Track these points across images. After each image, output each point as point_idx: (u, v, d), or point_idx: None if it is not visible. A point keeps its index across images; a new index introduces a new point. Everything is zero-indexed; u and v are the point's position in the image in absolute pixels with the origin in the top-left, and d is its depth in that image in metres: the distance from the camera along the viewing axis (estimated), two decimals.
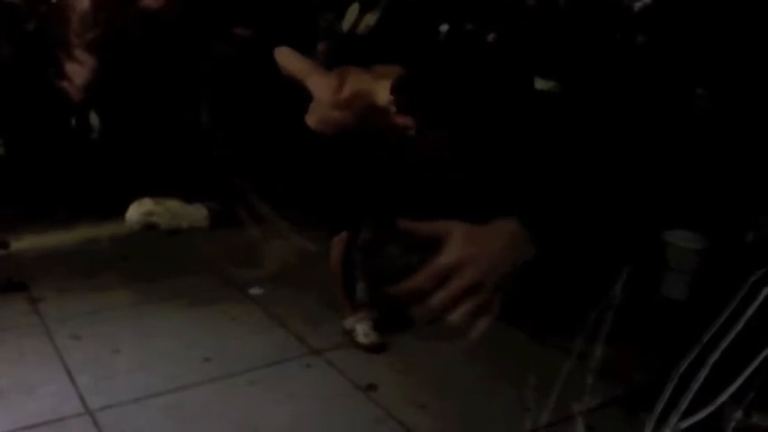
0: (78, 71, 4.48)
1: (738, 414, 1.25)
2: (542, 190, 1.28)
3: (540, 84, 4.13)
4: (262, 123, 5.09)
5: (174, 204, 4.53)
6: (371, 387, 2.91)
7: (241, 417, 2.72)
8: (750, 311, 1.06)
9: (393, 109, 2.93)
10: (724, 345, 1.06)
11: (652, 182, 1.81)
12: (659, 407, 1.08)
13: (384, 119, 2.99)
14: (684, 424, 1.00)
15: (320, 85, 3.23)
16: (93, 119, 4.97)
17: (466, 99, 3.01)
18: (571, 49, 3.25)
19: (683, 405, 1.02)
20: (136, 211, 4.50)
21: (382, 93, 3.01)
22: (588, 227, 1.29)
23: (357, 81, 3.13)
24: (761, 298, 1.05)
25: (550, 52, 3.33)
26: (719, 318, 1.11)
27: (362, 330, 3.18)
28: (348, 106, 3.08)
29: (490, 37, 3.57)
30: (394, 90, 2.97)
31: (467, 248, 0.99)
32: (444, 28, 5.07)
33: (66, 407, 2.74)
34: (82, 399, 2.80)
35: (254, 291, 3.71)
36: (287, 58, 3.54)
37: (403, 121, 2.93)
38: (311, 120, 3.25)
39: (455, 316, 0.98)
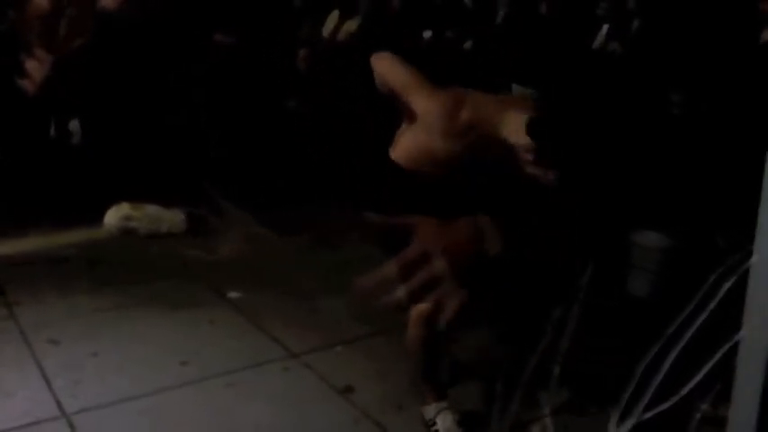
0: (36, 68, 4.50)
1: (705, 406, 1.28)
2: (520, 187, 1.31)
3: (518, 91, 4.18)
4: (245, 128, 5.11)
5: (152, 209, 4.52)
6: (349, 389, 2.92)
7: (218, 420, 2.72)
8: (711, 306, 1.09)
9: (527, 152, 2.08)
10: (685, 339, 1.09)
11: (624, 183, 1.85)
12: (624, 400, 1.11)
13: (510, 161, 2.17)
14: (647, 415, 1.03)
15: (429, 105, 2.32)
16: (74, 125, 4.97)
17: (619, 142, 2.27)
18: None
19: (647, 397, 1.05)
20: (114, 216, 4.49)
21: (511, 127, 2.15)
22: (558, 225, 1.32)
23: (478, 106, 2.25)
24: (721, 294, 1.08)
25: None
26: (682, 313, 1.14)
27: (445, 425, 2.66)
28: (463, 137, 2.23)
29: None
30: (532, 129, 2.11)
31: (434, 241, 1.02)
32: (427, 34, 5.12)
33: (43, 411, 2.74)
34: (58, 402, 2.79)
35: (233, 294, 3.72)
36: (387, 66, 2.53)
37: (540, 170, 2.08)
38: (400, 151, 2.41)
39: (421, 307, 1.00)
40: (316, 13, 5.29)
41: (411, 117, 2.36)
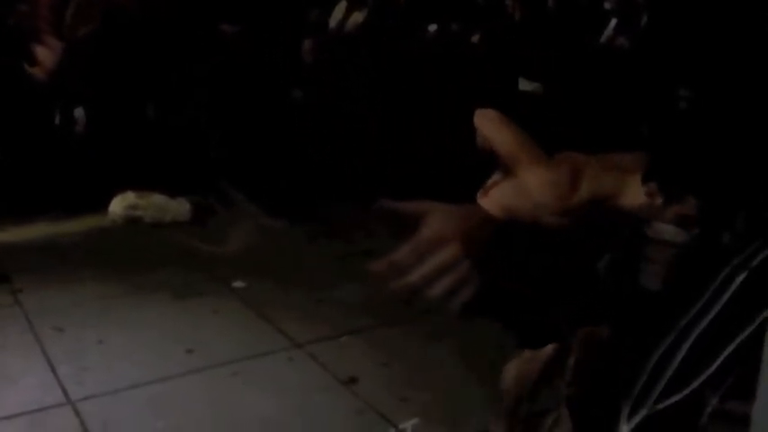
0: (48, 55, 4.52)
1: (714, 401, 1.29)
2: None
3: (524, 84, 4.18)
4: (250, 119, 5.11)
5: (157, 198, 4.53)
6: (353, 380, 2.93)
7: (223, 408, 2.73)
8: (723, 299, 1.09)
9: (654, 207, 1.79)
10: (697, 332, 1.10)
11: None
12: (636, 391, 1.11)
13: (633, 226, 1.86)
14: (659, 406, 1.03)
15: (540, 181, 1.95)
16: (79, 113, 4.97)
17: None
18: None
19: (659, 388, 1.05)
20: (119, 205, 4.49)
21: (631, 193, 1.86)
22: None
23: (596, 179, 1.91)
24: (733, 287, 1.09)
25: None
26: (694, 307, 1.14)
27: None
28: (575, 213, 1.94)
29: None
30: (651, 174, 1.83)
31: (445, 225, 1.02)
32: (433, 27, 5.11)
33: (48, 397, 2.75)
34: (63, 389, 2.80)
35: (237, 284, 3.72)
36: (494, 129, 2.14)
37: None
38: (494, 204, 2.02)
39: (434, 291, 1.01)
40: (323, 4, 5.28)
41: (509, 172, 1.94)
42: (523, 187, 1.74)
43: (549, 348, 1.82)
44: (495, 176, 1.94)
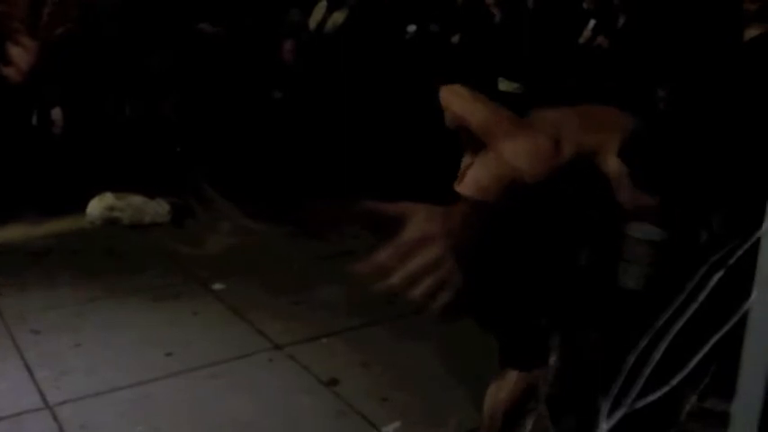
0: (22, 56, 4.46)
1: (693, 399, 1.29)
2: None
3: (504, 85, 4.19)
4: (229, 119, 5.09)
5: (135, 199, 4.49)
6: (334, 381, 2.92)
7: (202, 411, 2.71)
8: (701, 298, 1.09)
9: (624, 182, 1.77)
10: (674, 330, 1.10)
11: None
12: (615, 390, 1.11)
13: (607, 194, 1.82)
14: (637, 405, 1.03)
15: (521, 148, 1.85)
16: (56, 114, 4.92)
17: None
18: None
19: (637, 387, 1.05)
20: (97, 206, 4.45)
21: (611, 153, 1.81)
22: (549, 217, 1.32)
23: (576, 137, 1.82)
24: (711, 285, 1.09)
25: None
26: (672, 305, 1.15)
27: None
28: (558, 174, 1.83)
29: None
30: (625, 153, 1.79)
31: (428, 227, 1.02)
32: (412, 28, 5.11)
33: (25, 402, 2.71)
34: (41, 393, 2.77)
35: (217, 286, 3.70)
36: (464, 104, 2.09)
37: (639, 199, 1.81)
38: (471, 185, 1.83)
39: (416, 292, 1.00)
40: (303, 4, 5.27)
41: (478, 149, 1.88)
42: (501, 159, 1.70)
43: (535, 373, 1.76)
44: (466, 160, 1.90)
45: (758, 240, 0.84)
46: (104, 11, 4.83)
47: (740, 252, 0.92)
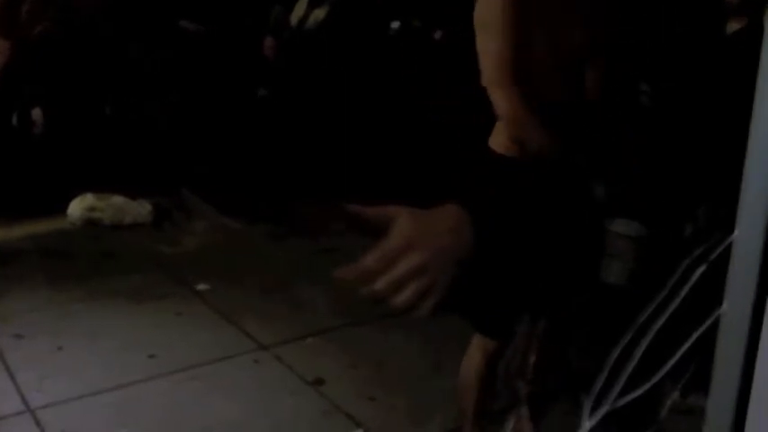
0: None
1: (675, 395, 1.29)
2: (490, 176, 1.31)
3: None
4: (211, 115, 5.06)
5: (117, 200, 4.45)
6: (320, 381, 2.90)
7: (187, 413, 2.69)
8: (683, 293, 1.09)
9: None
10: (656, 327, 1.09)
11: (598, 172, 1.84)
12: (597, 387, 1.10)
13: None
14: (620, 402, 1.02)
15: None
16: (36, 114, 4.87)
17: None
18: None
19: (619, 385, 1.04)
20: (78, 207, 4.40)
21: None
22: (532, 214, 1.31)
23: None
24: (693, 280, 1.08)
25: None
26: (654, 301, 1.14)
27: None
28: None
29: None
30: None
31: (413, 231, 1.00)
32: (396, 24, 5.09)
33: (6, 405, 2.68)
34: (23, 397, 2.73)
35: (201, 286, 3.67)
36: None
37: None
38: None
39: (400, 299, 0.98)
40: (284, 1, 5.24)
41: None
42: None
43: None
44: None
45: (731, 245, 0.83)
46: (84, 10, 4.78)
47: (721, 248, 0.91)
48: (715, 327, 0.90)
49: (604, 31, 2.26)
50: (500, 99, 2.09)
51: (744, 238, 0.81)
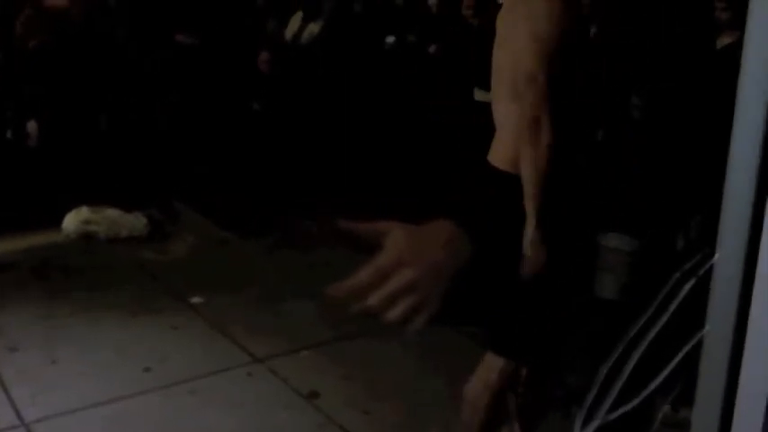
0: None
1: (666, 408, 1.30)
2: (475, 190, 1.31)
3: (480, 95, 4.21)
4: (207, 129, 5.07)
5: (112, 213, 4.45)
6: (314, 394, 2.90)
7: (181, 427, 2.69)
8: (672, 307, 1.10)
9: None
10: (647, 340, 1.10)
11: (588, 186, 1.86)
12: (589, 401, 1.11)
13: None
14: (612, 416, 1.03)
15: None
16: (32, 127, 4.87)
17: None
18: None
19: (611, 398, 1.05)
20: (73, 220, 4.40)
21: None
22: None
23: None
24: (682, 294, 1.10)
25: None
26: (644, 315, 1.15)
27: None
28: None
29: None
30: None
31: (405, 247, 1.01)
32: (391, 39, 5.12)
33: (0, 419, 2.67)
34: (17, 411, 2.73)
35: (195, 299, 3.67)
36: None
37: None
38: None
39: (392, 315, 0.99)
40: (279, 15, 5.27)
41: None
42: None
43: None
44: None
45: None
46: (79, 23, 4.80)
47: (710, 263, 0.93)
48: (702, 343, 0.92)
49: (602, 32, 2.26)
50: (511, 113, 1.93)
51: (724, 261, 0.82)
